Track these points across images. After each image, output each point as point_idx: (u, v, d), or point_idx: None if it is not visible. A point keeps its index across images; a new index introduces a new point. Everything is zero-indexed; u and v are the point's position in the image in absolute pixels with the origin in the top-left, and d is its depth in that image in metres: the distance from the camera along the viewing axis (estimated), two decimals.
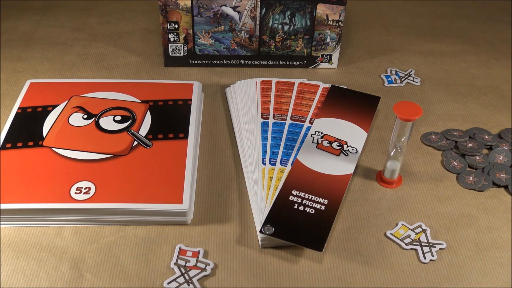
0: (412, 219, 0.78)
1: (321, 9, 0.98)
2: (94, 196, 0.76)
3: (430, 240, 0.75)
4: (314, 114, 0.91)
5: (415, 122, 0.92)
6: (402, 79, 1.03)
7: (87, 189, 0.76)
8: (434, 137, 0.91)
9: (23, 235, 0.75)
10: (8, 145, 0.83)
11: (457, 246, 0.75)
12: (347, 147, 0.85)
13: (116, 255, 0.73)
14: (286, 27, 1.00)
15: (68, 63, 1.04)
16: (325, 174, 0.81)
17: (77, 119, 0.87)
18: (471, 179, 0.84)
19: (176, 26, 0.99)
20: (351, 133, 0.88)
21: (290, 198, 0.77)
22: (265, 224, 0.73)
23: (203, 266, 0.71)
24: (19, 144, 0.83)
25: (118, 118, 0.88)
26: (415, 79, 1.03)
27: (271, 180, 0.80)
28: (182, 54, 1.02)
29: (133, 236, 0.75)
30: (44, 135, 0.84)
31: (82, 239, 0.74)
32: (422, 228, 0.77)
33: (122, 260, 0.72)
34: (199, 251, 0.73)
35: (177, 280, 0.70)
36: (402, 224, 0.77)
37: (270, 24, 0.99)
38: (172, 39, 1.00)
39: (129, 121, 0.87)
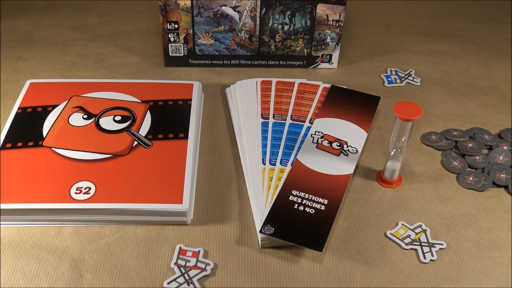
0: (412, 219, 0.78)
1: (321, 9, 0.98)
2: (94, 196, 0.76)
3: (430, 240, 0.75)
4: (314, 114, 0.91)
5: (415, 122, 0.92)
6: (402, 79, 1.03)
7: (87, 189, 0.76)
8: (434, 137, 0.91)
9: (23, 235, 0.75)
10: (8, 145, 0.83)
11: (457, 246, 0.75)
12: (347, 147, 0.85)
13: (116, 255, 0.73)
14: (286, 27, 1.00)
15: (68, 63, 1.04)
16: (325, 174, 0.81)
17: (77, 119, 0.87)
18: (471, 179, 0.84)
19: (176, 26, 0.99)
20: (351, 133, 0.88)
21: (290, 198, 0.77)
22: (265, 224, 0.73)
23: (203, 266, 0.71)
24: (19, 144, 0.83)
25: (118, 118, 0.88)
26: (415, 79, 1.03)
27: (271, 180, 0.80)
28: (182, 54, 1.02)
29: (133, 236, 0.75)
30: (44, 135, 0.84)
31: (82, 239, 0.74)
32: (422, 228, 0.77)
33: (122, 260, 0.72)
34: (199, 251, 0.73)
35: (177, 280, 0.70)
36: (402, 224, 0.77)
37: (270, 24, 0.99)
38: (172, 39, 1.00)
39: (129, 121, 0.87)
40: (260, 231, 0.73)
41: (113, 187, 0.77)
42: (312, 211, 0.75)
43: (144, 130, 0.86)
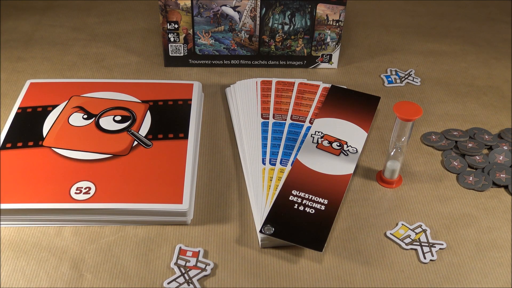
0: (412, 219, 0.78)
1: (321, 9, 0.98)
2: (94, 196, 0.76)
3: (430, 240, 0.75)
4: (314, 114, 0.91)
5: (415, 122, 0.92)
6: (402, 79, 1.03)
7: (87, 189, 0.76)
8: (434, 137, 0.91)
9: (23, 235, 0.75)
10: (8, 145, 0.83)
11: (457, 246, 0.75)
12: (347, 147, 0.85)
13: (116, 255, 0.73)
14: (286, 27, 1.00)
15: (68, 63, 1.04)
16: (325, 174, 0.81)
17: (77, 119, 0.87)
18: (471, 179, 0.84)
19: (176, 26, 0.99)
20: (351, 133, 0.88)
21: (290, 198, 0.77)
22: (265, 224, 0.73)
23: (203, 266, 0.71)
24: (19, 144, 0.83)
25: (118, 118, 0.88)
26: (415, 79, 1.03)
27: (271, 180, 0.80)
28: (182, 54, 1.02)
29: (133, 236, 0.75)
30: (44, 135, 0.84)
31: (82, 239, 0.74)
32: (422, 228, 0.77)
33: (122, 260, 0.72)
34: (199, 251, 0.73)
35: (177, 280, 0.70)
36: (402, 224, 0.77)
37: (270, 24, 0.99)
38: (172, 39, 1.00)
39: (129, 121, 0.87)
40: (260, 231, 0.73)
41: (113, 187, 0.77)
42: (312, 211, 0.75)
43: (144, 130, 0.86)
